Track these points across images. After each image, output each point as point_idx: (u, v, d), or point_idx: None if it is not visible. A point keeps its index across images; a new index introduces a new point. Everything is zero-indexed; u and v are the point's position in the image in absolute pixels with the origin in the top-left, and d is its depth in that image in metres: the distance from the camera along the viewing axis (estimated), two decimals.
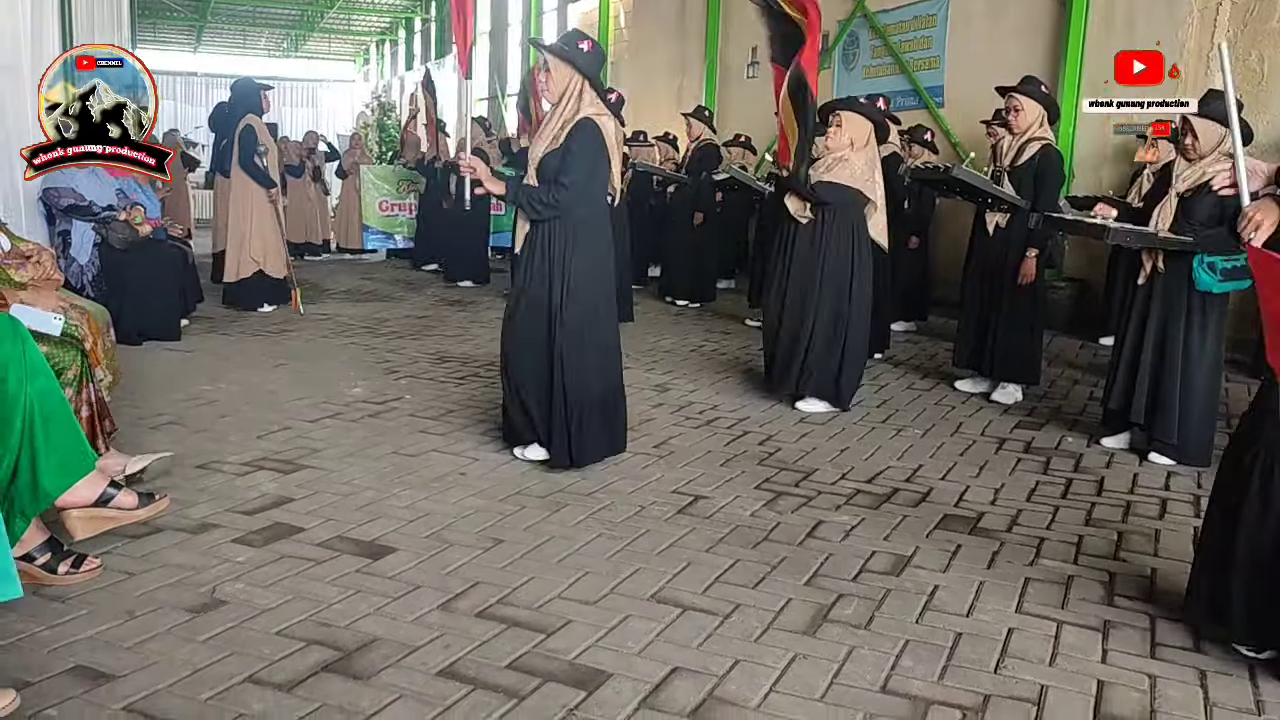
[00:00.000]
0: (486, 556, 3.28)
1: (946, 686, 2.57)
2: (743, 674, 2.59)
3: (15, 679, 2.38)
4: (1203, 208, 4.40)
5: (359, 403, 5.23)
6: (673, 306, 9.22)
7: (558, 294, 4.05)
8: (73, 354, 3.41)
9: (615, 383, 4.28)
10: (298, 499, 3.74)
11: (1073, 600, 3.12)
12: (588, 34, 4.24)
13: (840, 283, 5.22)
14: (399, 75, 29.76)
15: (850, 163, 5.18)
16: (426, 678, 2.50)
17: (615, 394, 4.28)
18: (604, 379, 4.19)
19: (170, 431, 4.53)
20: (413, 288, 10.00)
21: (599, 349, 4.15)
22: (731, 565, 3.28)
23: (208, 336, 6.95)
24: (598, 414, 4.18)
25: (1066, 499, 4.12)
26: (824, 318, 5.24)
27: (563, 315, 4.05)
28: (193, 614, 2.78)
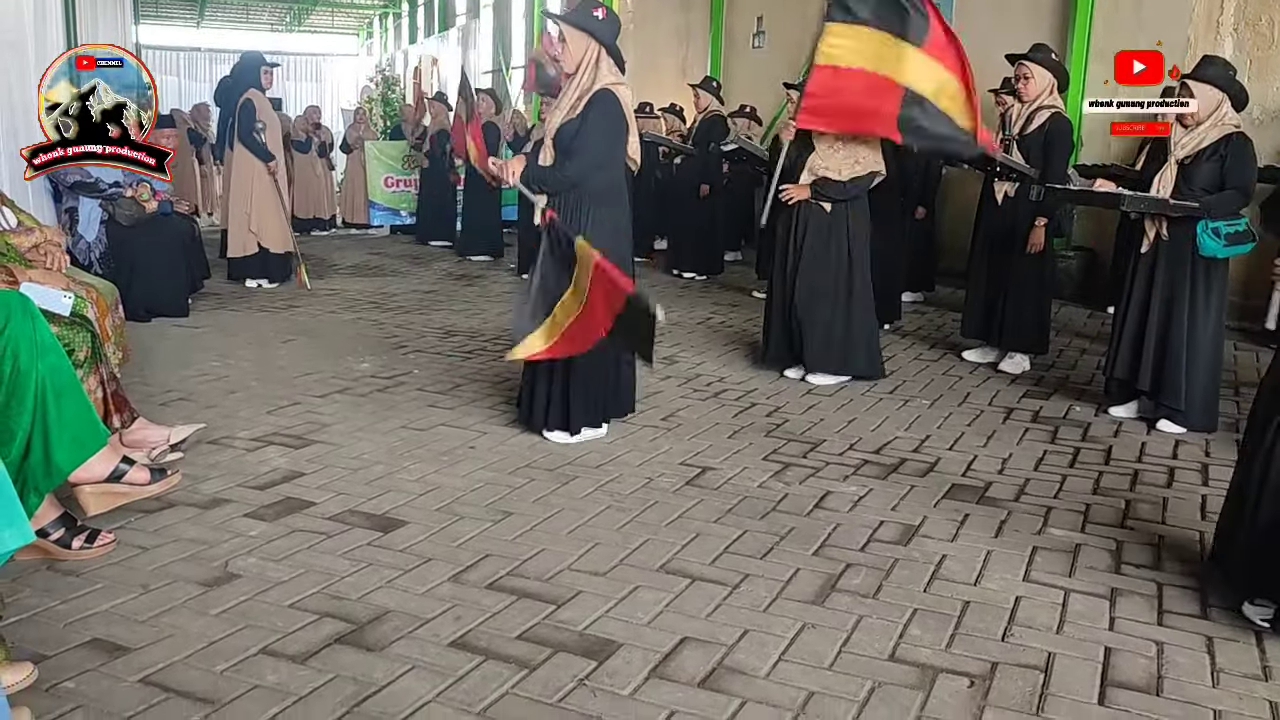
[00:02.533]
0: (496, 529, 3.30)
1: (954, 654, 2.59)
2: (752, 643, 2.61)
3: (33, 652, 2.41)
4: (1202, 173, 4.40)
5: (367, 378, 5.25)
6: (680, 279, 9.20)
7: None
8: (83, 335, 3.42)
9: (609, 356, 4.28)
10: (308, 473, 3.77)
11: (1080, 568, 3.14)
12: (602, 2, 4.18)
13: (842, 255, 5.20)
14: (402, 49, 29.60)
15: (869, 145, 5.11)
16: (438, 649, 2.52)
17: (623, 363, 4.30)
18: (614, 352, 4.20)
19: (180, 408, 4.55)
20: (419, 262, 9.99)
21: None
22: (740, 536, 3.30)
23: (216, 313, 6.96)
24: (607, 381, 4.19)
25: (1074, 468, 4.12)
26: (839, 290, 5.22)
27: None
28: (206, 588, 2.81)
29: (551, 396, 4.17)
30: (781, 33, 11.90)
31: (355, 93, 26.58)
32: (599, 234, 4.03)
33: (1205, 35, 7.51)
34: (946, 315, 7.46)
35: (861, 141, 5.11)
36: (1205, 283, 4.52)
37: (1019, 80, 5.55)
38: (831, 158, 5.13)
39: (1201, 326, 4.54)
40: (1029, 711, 2.34)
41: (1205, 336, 4.54)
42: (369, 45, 34.66)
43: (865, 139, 5.13)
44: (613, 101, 3.97)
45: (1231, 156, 4.35)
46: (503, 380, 5.20)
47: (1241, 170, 4.36)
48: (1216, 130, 4.38)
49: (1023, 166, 5.42)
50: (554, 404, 4.18)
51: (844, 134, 5.09)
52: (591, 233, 4.01)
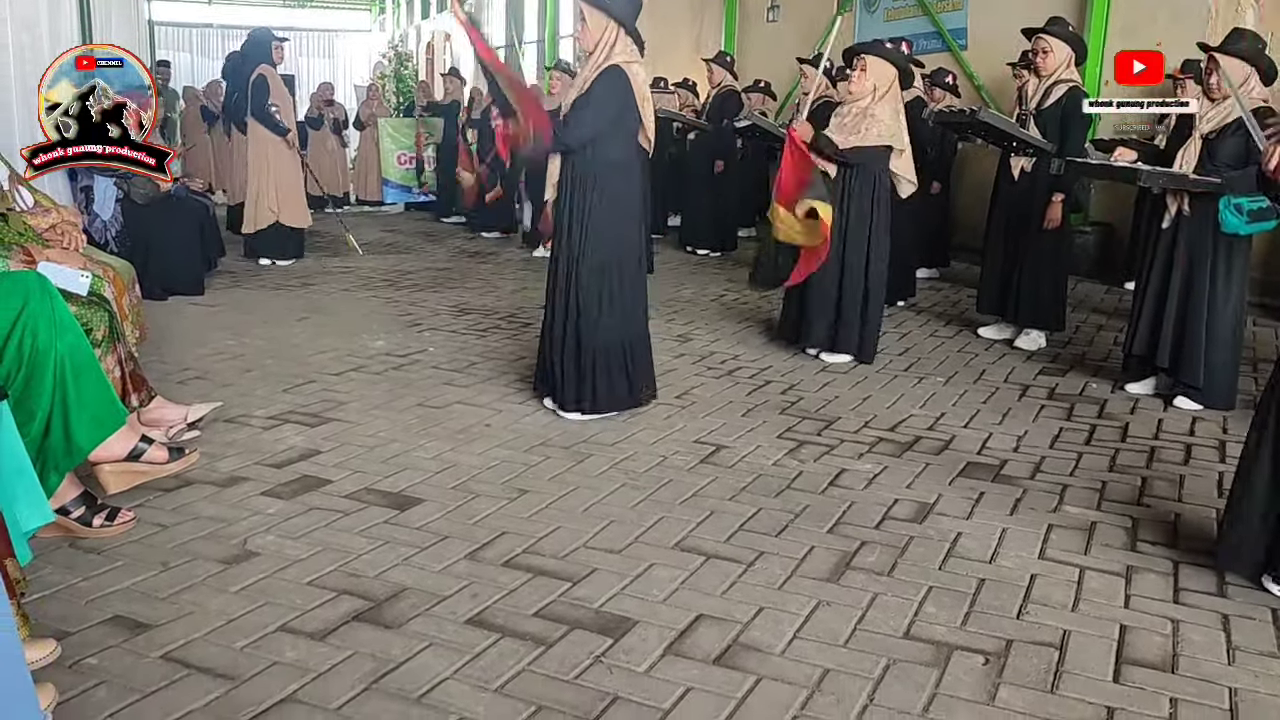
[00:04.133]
0: (512, 506, 3.31)
1: (969, 632, 2.59)
2: (767, 620, 2.62)
3: (55, 629, 2.44)
4: (1227, 148, 4.35)
5: (383, 355, 5.27)
6: (693, 256, 9.18)
7: (579, 241, 4.06)
8: (101, 314, 3.43)
9: (638, 334, 4.28)
10: (325, 451, 3.79)
11: (1096, 546, 3.13)
12: None
13: (861, 236, 5.16)
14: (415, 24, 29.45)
15: (877, 118, 5.04)
16: (455, 626, 2.54)
17: (637, 345, 4.28)
18: (624, 331, 4.20)
19: (197, 386, 4.58)
20: (433, 240, 9.99)
21: (619, 298, 4.14)
22: (754, 514, 3.30)
23: (231, 290, 6.98)
24: (616, 364, 4.19)
25: (1090, 445, 4.11)
26: (851, 271, 5.19)
27: (579, 264, 4.06)
28: (225, 565, 2.83)
29: (566, 373, 4.19)
30: (796, 7, 11.80)
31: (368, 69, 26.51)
32: (606, 211, 4.04)
33: (1227, 7, 7.41)
34: (962, 291, 7.43)
35: (870, 116, 5.04)
36: (1226, 259, 4.48)
37: (1037, 54, 5.47)
38: (839, 131, 5.10)
39: (1221, 303, 4.51)
40: (1044, 689, 2.35)
41: (1225, 314, 4.51)
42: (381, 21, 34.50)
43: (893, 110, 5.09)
44: (619, 76, 3.95)
45: None
46: (517, 358, 5.21)
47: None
48: None
49: (1039, 141, 5.37)
50: (569, 381, 4.19)
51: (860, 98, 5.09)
52: (593, 210, 4.01)
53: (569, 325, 4.13)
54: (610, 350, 4.17)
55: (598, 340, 4.13)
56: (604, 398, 4.22)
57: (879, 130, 5.03)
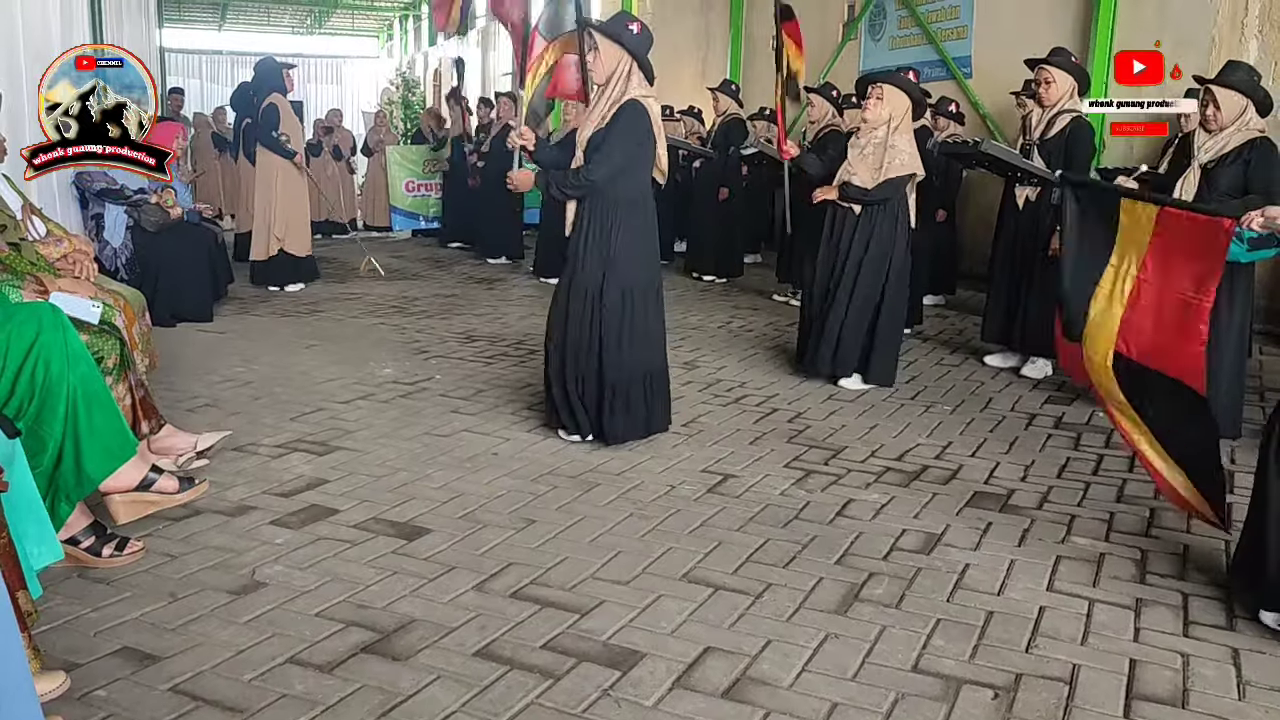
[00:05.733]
0: (519, 537, 3.31)
1: (978, 665, 2.58)
2: (775, 653, 2.61)
3: (64, 660, 2.45)
4: (1226, 177, 4.38)
5: (390, 383, 5.28)
6: (699, 282, 9.21)
7: (599, 275, 4.09)
8: (112, 343, 3.46)
9: (658, 366, 4.31)
10: (332, 480, 3.80)
11: (1104, 578, 3.12)
12: (636, 16, 4.28)
13: (883, 263, 5.21)
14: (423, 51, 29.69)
15: (899, 149, 5.10)
16: (464, 658, 2.54)
17: (656, 377, 4.31)
18: (646, 362, 4.23)
19: (206, 414, 4.60)
20: (440, 266, 10.03)
21: (640, 331, 4.17)
22: (762, 544, 3.30)
23: (239, 317, 7.02)
24: (636, 396, 4.21)
25: (1098, 475, 4.11)
26: (870, 297, 5.23)
27: (603, 297, 4.08)
28: (234, 596, 2.84)
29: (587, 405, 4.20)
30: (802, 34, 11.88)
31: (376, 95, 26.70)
32: (627, 243, 4.08)
33: (1229, 36, 7.45)
34: (968, 319, 7.43)
35: (891, 147, 5.09)
36: (1229, 287, 4.48)
37: (1040, 84, 5.51)
38: (863, 166, 5.13)
39: (1225, 331, 4.50)
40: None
41: (1229, 341, 4.51)
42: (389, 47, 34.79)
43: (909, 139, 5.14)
44: (641, 112, 4.03)
45: (1256, 161, 4.33)
46: (524, 386, 5.22)
47: (1266, 174, 4.33)
48: (1241, 135, 4.37)
49: (1043, 171, 5.39)
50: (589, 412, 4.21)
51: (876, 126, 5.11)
52: (615, 244, 4.05)
53: (589, 357, 4.14)
54: (633, 381, 4.20)
55: (622, 372, 4.15)
56: (624, 428, 4.23)
57: (901, 160, 5.11)
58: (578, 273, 4.14)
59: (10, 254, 3.69)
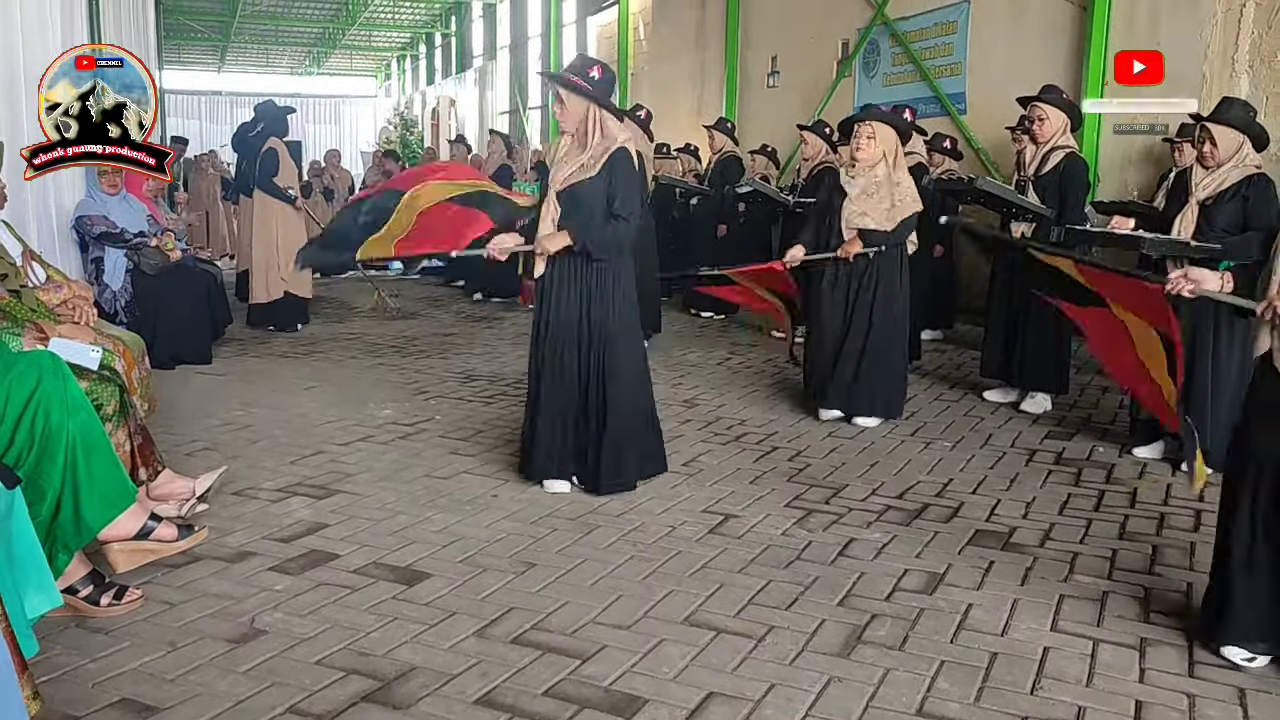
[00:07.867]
0: (520, 581, 3.30)
1: (983, 709, 2.57)
2: (778, 698, 2.59)
3: (63, 713, 2.43)
4: (1224, 214, 4.40)
5: (389, 424, 5.28)
6: (697, 318, 9.23)
7: (598, 318, 4.07)
8: (112, 389, 3.46)
9: (651, 404, 4.32)
10: (332, 524, 3.78)
11: (1108, 617, 3.11)
12: (596, 59, 4.25)
13: (891, 299, 5.27)
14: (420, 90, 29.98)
15: (903, 185, 5.16)
16: (465, 706, 2.52)
17: (652, 415, 4.33)
18: (643, 401, 4.24)
19: (205, 458, 4.59)
20: (439, 305, 10.06)
21: (636, 371, 4.19)
22: (764, 586, 3.29)
23: (238, 359, 7.02)
24: (640, 436, 4.21)
25: (1099, 512, 4.10)
26: (881, 333, 5.27)
27: (606, 339, 4.07)
28: (233, 644, 2.82)
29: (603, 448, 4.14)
30: (796, 72, 12.01)
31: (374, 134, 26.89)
32: (628, 278, 4.13)
33: (1221, 72, 7.52)
34: (966, 354, 7.44)
35: (896, 184, 5.14)
36: (1229, 322, 4.51)
37: (1034, 122, 5.56)
38: (873, 206, 5.15)
39: (1225, 366, 4.52)
40: None
41: (1230, 377, 4.52)
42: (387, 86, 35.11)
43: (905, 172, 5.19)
44: (629, 157, 4.04)
45: (1254, 197, 4.35)
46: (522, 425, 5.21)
47: (1264, 211, 4.35)
48: (1238, 171, 4.39)
49: (1038, 207, 5.43)
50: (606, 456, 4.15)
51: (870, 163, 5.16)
52: (612, 288, 4.05)
53: (598, 394, 4.09)
54: (647, 414, 4.24)
55: (638, 405, 4.16)
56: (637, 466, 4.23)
57: (910, 197, 5.19)
58: (562, 315, 4.09)
59: (11, 301, 3.70)
